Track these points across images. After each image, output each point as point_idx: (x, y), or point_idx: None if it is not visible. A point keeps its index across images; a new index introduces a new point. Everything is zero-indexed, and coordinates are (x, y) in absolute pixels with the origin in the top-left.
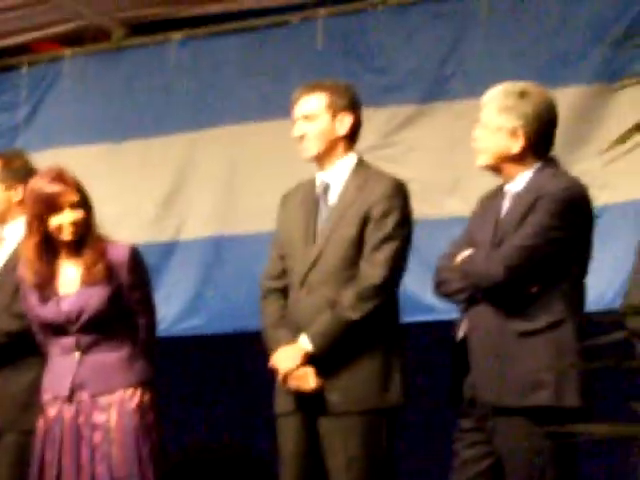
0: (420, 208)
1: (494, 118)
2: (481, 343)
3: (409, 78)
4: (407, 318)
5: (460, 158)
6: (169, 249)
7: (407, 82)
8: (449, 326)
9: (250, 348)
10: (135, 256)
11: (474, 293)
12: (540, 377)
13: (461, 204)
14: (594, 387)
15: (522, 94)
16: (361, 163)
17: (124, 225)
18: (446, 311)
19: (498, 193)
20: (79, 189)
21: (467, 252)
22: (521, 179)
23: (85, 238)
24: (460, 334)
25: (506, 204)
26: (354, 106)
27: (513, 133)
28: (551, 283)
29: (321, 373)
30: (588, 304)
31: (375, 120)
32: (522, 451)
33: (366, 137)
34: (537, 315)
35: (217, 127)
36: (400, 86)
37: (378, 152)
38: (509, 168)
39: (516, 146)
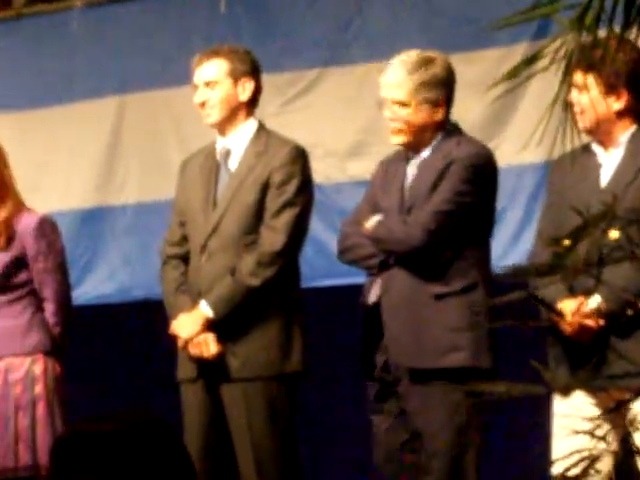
0: (323, 172)
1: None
2: (396, 307)
3: (311, 42)
4: (308, 283)
5: (362, 122)
6: (82, 217)
7: (309, 46)
8: (350, 291)
9: (158, 316)
10: (42, 225)
11: (387, 258)
12: (456, 339)
13: (363, 168)
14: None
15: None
16: (262, 129)
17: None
18: (348, 275)
19: (399, 158)
20: None
21: (375, 218)
22: (428, 146)
23: None
24: (372, 299)
25: (412, 170)
26: (254, 71)
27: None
28: (464, 246)
29: (222, 339)
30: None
31: (278, 85)
32: (440, 412)
33: (269, 102)
34: (452, 278)
35: (122, 94)
36: (302, 50)
37: (281, 117)
38: (420, 137)
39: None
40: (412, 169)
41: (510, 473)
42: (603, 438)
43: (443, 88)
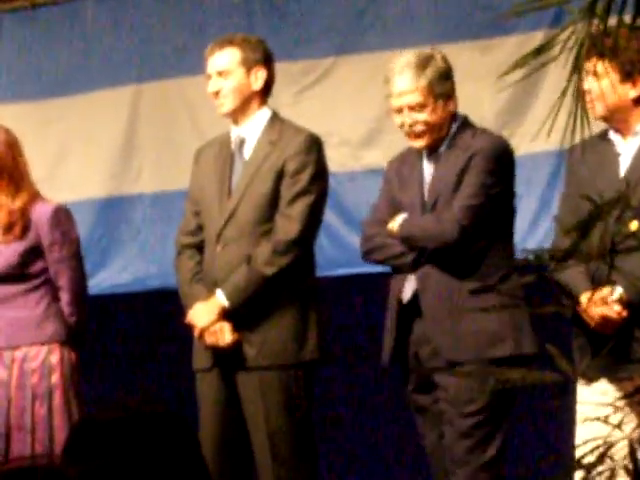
0: (337, 161)
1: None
2: (434, 304)
3: (326, 31)
4: (322, 272)
5: (376, 111)
6: (99, 207)
7: (323, 35)
8: (366, 280)
9: (174, 305)
10: (57, 215)
11: (419, 256)
12: (498, 330)
13: (378, 156)
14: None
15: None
16: (275, 117)
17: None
18: (362, 264)
19: (412, 155)
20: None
21: (401, 217)
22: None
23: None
24: (407, 296)
25: (429, 166)
26: (267, 60)
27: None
28: (493, 238)
29: (238, 328)
30: None
31: (292, 74)
32: (475, 400)
33: (283, 91)
34: (486, 271)
35: (138, 84)
36: (316, 39)
37: (295, 106)
38: (439, 133)
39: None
40: (429, 164)
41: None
42: (618, 426)
43: (449, 80)
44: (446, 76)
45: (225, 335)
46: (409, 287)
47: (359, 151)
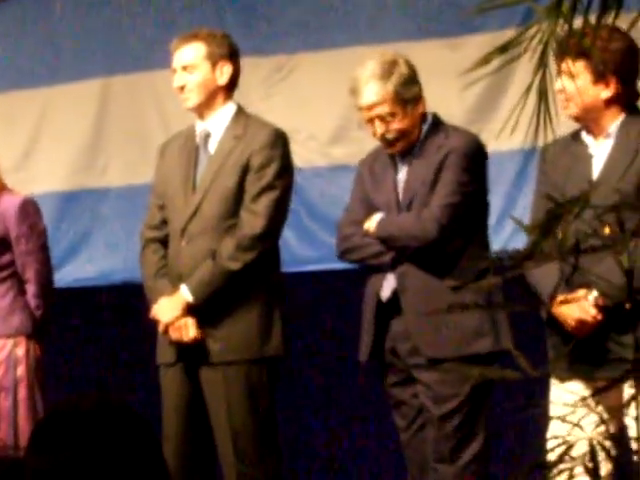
0: (305, 156)
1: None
2: (414, 302)
3: (295, 26)
4: (289, 268)
5: (344, 107)
6: (65, 200)
7: (293, 30)
8: (332, 275)
9: (140, 299)
10: (25, 207)
11: (398, 255)
12: (478, 326)
13: (345, 152)
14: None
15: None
16: (241, 112)
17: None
18: (330, 260)
19: (383, 154)
20: None
21: (378, 216)
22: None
23: None
24: (386, 294)
25: (403, 165)
26: (233, 55)
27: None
28: (471, 236)
29: (202, 323)
30: None
31: (261, 69)
32: (456, 396)
33: (252, 86)
34: (464, 268)
35: (107, 77)
36: (286, 34)
37: (264, 101)
38: (412, 136)
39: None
40: (403, 164)
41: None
42: (578, 425)
43: (415, 83)
44: (412, 80)
45: (189, 330)
46: (388, 286)
47: (326, 147)
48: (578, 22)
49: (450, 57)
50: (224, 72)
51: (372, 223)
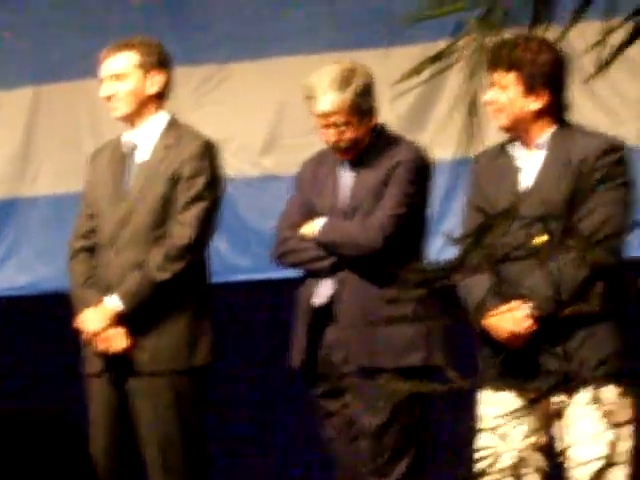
0: (236, 166)
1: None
2: (349, 309)
3: (228, 36)
4: (221, 277)
5: (274, 117)
6: None
7: (225, 40)
8: (265, 286)
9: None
10: None
11: (338, 261)
12: (411, 339)
13: (276, 162)
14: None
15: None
16: (173, 122)
17: None
18: (261, 270)
19: (328, 160)
20: None
21: (321, 221)
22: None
23: None
24: (320, 300)
25: (348, 173)
26: (165, 64)
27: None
28: (412, 248)
29: (130, 333)
30: None
31: (193, 78)
32: (386, 411)
33: (184, 95)
34: (403, 280)
35: (38, 85)
36: (218, 44)
37: (196, 111)
38: (362, 145)
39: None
40: (349, 171)
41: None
42: (503, 437)
43: (372, 94)
44: (369, 91)
45: (118, 340)
46: (323, 292)
47: (257, 157)
48: (508, 34)
49: (381, 67)
50: (155, 81)
51: (315, 227)
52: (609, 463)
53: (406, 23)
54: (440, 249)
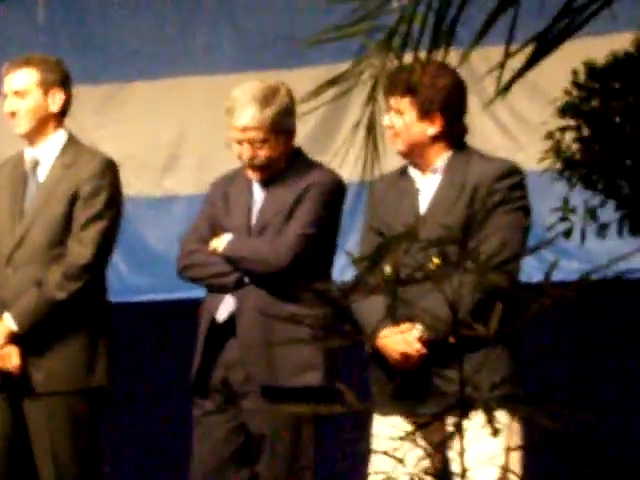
0: (137, 186)
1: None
2: (250, 325)
3: (132, 55)
4: (116, 298)
5: (176, 136)
6: None
7: (129, 59)
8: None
9: None
10: None
11: (242, 277)
12: (310, 358)
13: (177, 181)
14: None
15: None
16: (71, 140)
17: None
18: (157, 291)
19: (240, 179)
20: None
21: (226, 238)
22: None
23: None
24: (222, 316)
25: (260, 192)
26: (65, 82)
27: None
28: (318, 269)
29: (25, 352)
30: None
31: (95, 96)
32: (286, 429)
33: (87, 113)
34: (305, 300)
35: None
36: (122, 63)
37: (99, 129)
38: (276, 166)
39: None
40: (260, 190)
41: None
42: (400, 460)
43: (293, 114)
44: (290, 111)
45: (12, 359)
46: (225, 308)
47: (158, 176)
48: (409, 58)
49: None
50: (56, 99)
51: (222, 242)
52: None
53: (309, 44)
54: (340, 270)
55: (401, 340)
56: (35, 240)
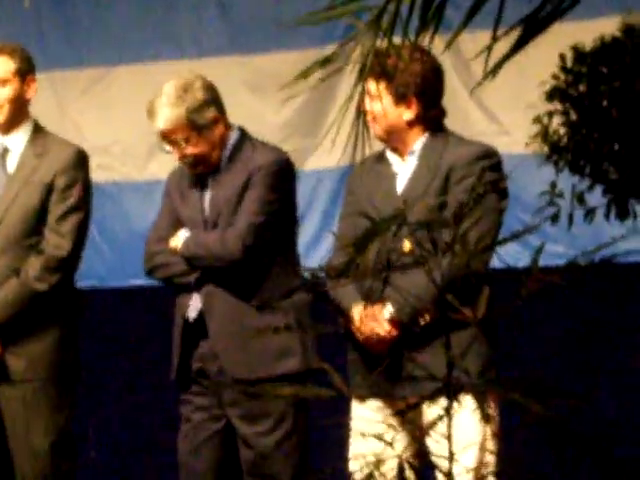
0: (122, 170)
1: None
2: (221, 322)
3: (115, 39)
4: (101, 283)
5: None
6: None
7: (113, 43)
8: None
9: None
10: None
11: (203, 275)
12: (285, 345)
13: (162, 167)
14: None
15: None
16: (38, 129)
17: None
18: (139, 276)
19: (184, 172)
20: None
21: (183, 234)
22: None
23: None
24: (192, 314)
25: (210, 181)
26: (34, 70)
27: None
28: (278, 254)
29: (4, 341)
30: None
31: (80, 81)
32: (267, 420)
33: (70, 98)
34: (271, 287)
35: None
36: (106, 47)
37: (82, 114)
38: (210, 157)
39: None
40: (210, 179)
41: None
42: (390, 443)
43: (212, 105)
44: (206, 105)
45: None
46: (194, 306)
47: (143, 161)
48: (399, 39)
49: (269, 72)
50: (31, 87)
51: (178, 240)
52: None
53: (298, 24)
54: (325, 254)
55: (372, 319)
56: (9, 230)
